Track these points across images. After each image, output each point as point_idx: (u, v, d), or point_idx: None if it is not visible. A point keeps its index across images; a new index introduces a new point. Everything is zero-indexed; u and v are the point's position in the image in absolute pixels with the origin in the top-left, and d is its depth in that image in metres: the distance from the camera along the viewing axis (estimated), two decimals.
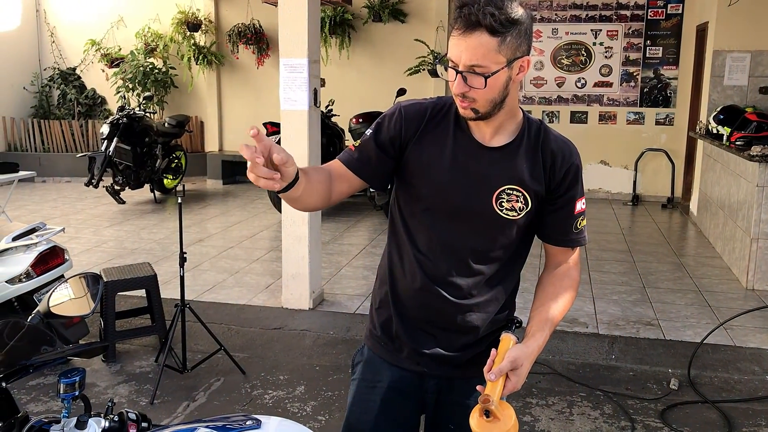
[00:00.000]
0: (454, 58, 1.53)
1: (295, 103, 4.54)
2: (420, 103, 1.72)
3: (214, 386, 3.87)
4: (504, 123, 1.66)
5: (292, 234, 4.69)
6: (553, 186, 1.68)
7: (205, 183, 10.13)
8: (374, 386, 1.83)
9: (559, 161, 1.67)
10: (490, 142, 1.67)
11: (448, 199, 1.66)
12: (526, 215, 1.68)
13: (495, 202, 1.65)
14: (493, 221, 1.67)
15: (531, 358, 1.57)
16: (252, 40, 9.65)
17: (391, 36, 9.54)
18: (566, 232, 1.73)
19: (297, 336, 4.50)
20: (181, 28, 9.78)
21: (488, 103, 1.57)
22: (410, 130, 1.68)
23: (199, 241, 6.67)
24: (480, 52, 1.50)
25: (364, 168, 1.70)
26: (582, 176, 1.72)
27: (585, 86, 9.19)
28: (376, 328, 1.85)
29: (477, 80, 1.52)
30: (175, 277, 5.39)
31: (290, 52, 4.49)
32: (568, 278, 1.75)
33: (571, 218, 1.71)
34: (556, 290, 1.72)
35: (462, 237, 1.69)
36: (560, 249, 1.77)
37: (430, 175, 1.67)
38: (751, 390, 3.86)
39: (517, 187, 1.65)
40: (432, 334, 1.77)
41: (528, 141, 1.68)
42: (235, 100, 10.31)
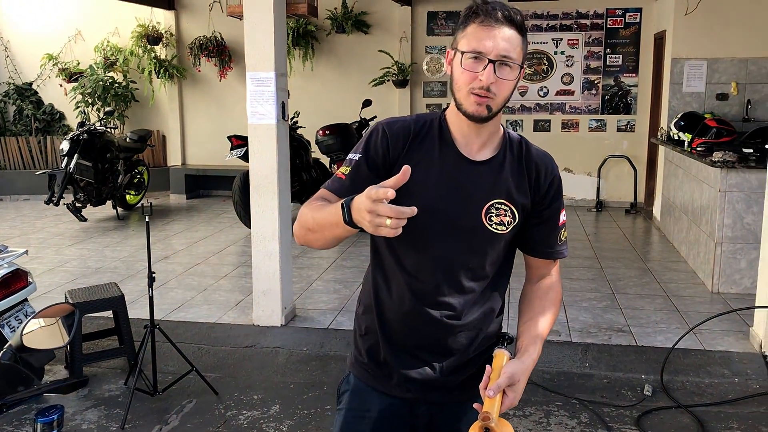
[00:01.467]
0: (484, 49, 1.53)
1: (263, 116, 4.49)
2: (402, 120, 1.70)
3: (186, 408, 3.78)
4: (492, 135, 1.67)
5: (262, 250, 4.62)
6: (538, 199, 1.69)
7: (168, 198, 9.98)
8: (363, 416, 1.78)
9: (543, 174, 1.69)
10: (477, 156, 1.66)
11: (437, 215, 1.63)
12: (513, 229, 1.67)
13: (484, 217, 1.64)
14: (483, 236, 1.65)
15: (527, 373, 1.57)
16: (214, 53, 9.55)
17: (355, 47, 9.54)
18: (551, 244, 1.74)
19: (270, 353, 4.44)
20: (141, 41, 9.64)
21: (502, 101, 1.58)
22: (397, 148, 1.65)
23: (164, 258, 6.55)
24: (511, 44, 1.53)
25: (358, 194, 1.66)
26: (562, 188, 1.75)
27: (547, 95, 9.29)
28: (363, 355, 1.79)
29: (507, 72, 1.54)
30: (141, 297, 5.27)
31: (257, 65, 4.44)
32: (553, 291, 1.77)
33: (556, 230, 1.73)
34: (543, 304, 1.73)
35: (452, 254, 1.66)
36: (543, 261, 1.77)
37: (419, 191, 1.62)
38: (722, 393, 3.91)
39: (505, 201, 1.65)
40: (422, 358, 1.73)
41: (511, 155, 1.68)
42: (197, 113, 10.19)
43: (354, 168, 1.66)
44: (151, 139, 9.55)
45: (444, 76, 9.48)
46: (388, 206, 1.30)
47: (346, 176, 1.65)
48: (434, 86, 9.54)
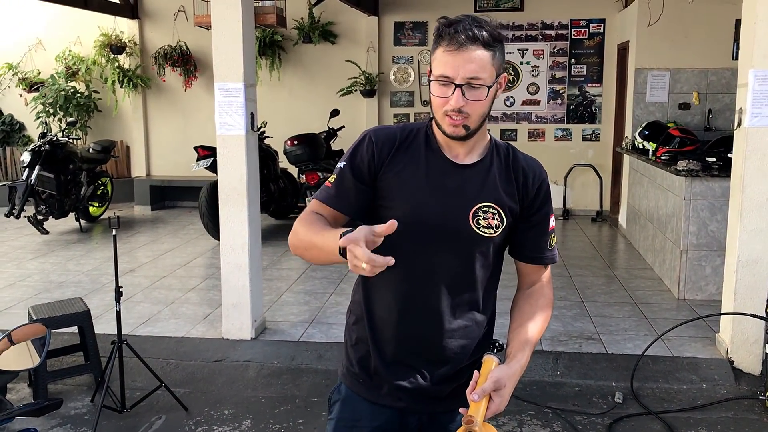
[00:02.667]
0: (449, 73, 1.55)
1: (231, 127, 4.44)
2: (388, 128, 1.74)
3: (155, 425, 3.70)
4: (477, 143, 1.69)
5: (231, 262, 4.56)
6: (526, 203, 1.70)
7: (132, 209, 9.82)
8: (353, 426, 1.79)
9: (531, 178, 1.71)
10: (463, 161, 1.68)
11: (425, 219, 1.65)
12: (502, 233, 1.68)
13: (472, 220, 1.65)
14: (471, 240, 1.66)
15: (514, 378, 1.57)
16: (179, 63, 9.45)
17: (322, 57, 9.52)
18: (540, 249, 1.75)
19: (240, 367, 4.37)
20: (104, 50, 9.49)
21: (479, 119, 1.60)
22: (382, 154, 1.68)
23: (130, 271, 6.43)
24: (478, 65, 1.54)
25: (343, 202, 1.70)
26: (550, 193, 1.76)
27: (513, 104, 9.38)
28: (353, 365, 1.80)
29: (476, 93, 1.56)
30: (107, 311, 5.16)
31: (225, 76, 4.39)
32: (543, 297, 1.76)
33: (545, 235, 1.74)
34: (533, 310, 1.72)
35: (441, 259, 1.67)
36: (534, 267, 1.78)
37: (406, 196, 1.66)
38: (691, 399, 3.97)
39: (492, 204, 1.66)
40: (413, 367, 1.73)
41: (498, 159, 1.71)
42: (162, 124, 10.05)
43: (339, 177, 1.70)
44: (115, 149, 9.39)
45: (411, 86, 9.51)
46: (362, 252, 1.35)
47: (332, 185, 1.71)
48: (401, 96, 9.56)
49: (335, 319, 5.06)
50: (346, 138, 8.84)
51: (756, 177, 4.05)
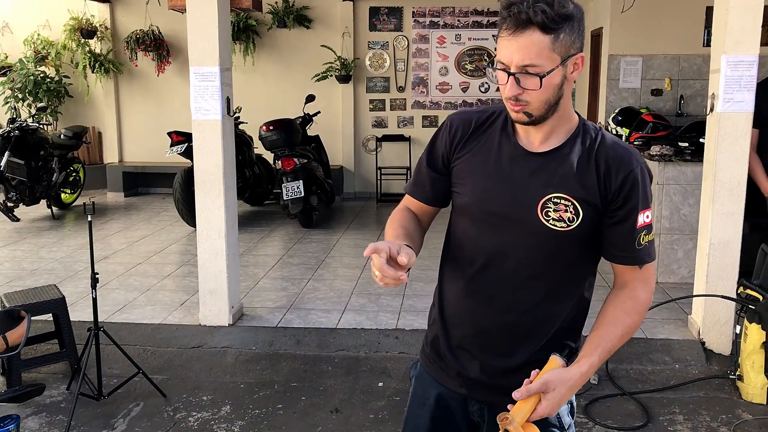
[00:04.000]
0: (505, 60, 1.47)
1: (207, 112, 4.40)
2: (467, 112, 1.70)
3: (134, 412, 3.69)
4: (555, 128, 1.57)
5: (208, 248, 4.54)
6: (609, 196, 1.55)
7: (105, 196, 9.69)
8: (424, 403, 1.80)
9: (615, 169, 1.54)
10: (539, 148, 1.58)
11: (490, 207, 1.59)
12: (579, 228, 1.55)
13: (540, 212, 1.55)
14: (540, 233, 1.56)
15: (568, 384, 1.47)
16: (151, 47, 9.31)
17: (297, 42, 9.45)
18: (628, 248, 1.58)
19: (218, 354, 4.36)
20: (74, 34, 9.30)
21: (542, 105, 1.50)
22: (456, 139, 1.66)
23: (104, 258, 6.36)
24: (533, 51, 1.43)
25: (420, 192, 1.74)
26: (648, 187, 1.58)
27: (488, 90, 9.41)
28: (427, 345, 1.82)
29: (531, 81, 1.46)
30: (81, 298, 5.11)
31: (201, 60, 4.35)
32: (632, 300, 1.61)
33: (633, 233, 1.56)
34: (616, 313, 1.59)
35: (507, 250, 1.60)
36: (625, 267, 1.62)
37: (473, 182, 1.62)
38: (664, 379, 4.05)
39: (565, 195, 1.54)
40: (475, 356, 1.69)
41: (582, 146, 1.57)
42: (135, 109, 9.92)
43: (417, 167, 1.74)
44: (87, 135, 9.24)
45: (387, 72, 9.49)
46: (377, 261, 1.41)
47: (414, 174, 1.76)
48: (377, 81, 9.54)
49: (313, 305, 5.06)
50: (321, 124, 8.81)
51: (728, 161, 4.11)
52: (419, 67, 9.46)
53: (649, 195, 1.58)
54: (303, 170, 7.39)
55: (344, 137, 9.57)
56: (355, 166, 9.66)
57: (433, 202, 1.74)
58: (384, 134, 9.54)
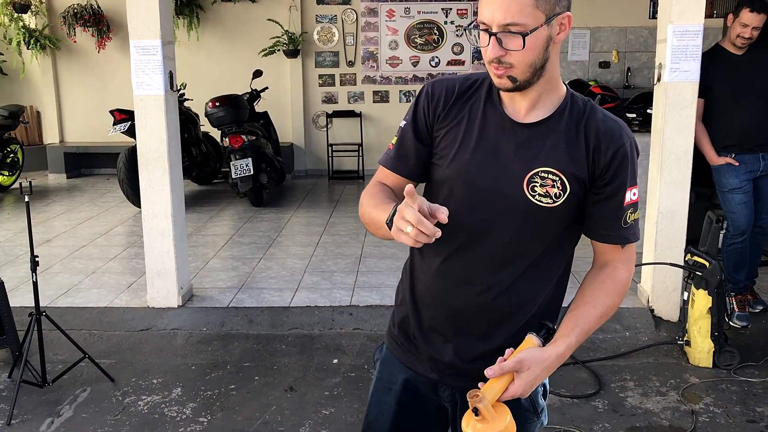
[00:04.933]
0: (486, 20, 1.38)
1: (149, 87, 4.24)
2: (450, 79, 1.57)
3: (80, 398, 3.57)
4: (542, 96, 1.47)
5: (154, 228, 4.40)
6: (598, 172, 1.47)
7: (46, 178, 9.36)
8: (390, 388, 1.71)
9: (605, 142, 1.46)
10: (525, 119, 1.49)
11: (473, 181, 1.49)
12: (566, 204, 1.47)
13: (527, 187, 1.46)
14: (525, 209, 1.47)
15: (544, 364, 1.41)
16: (90, 22, 8.96)
17: (243, 16, 9.23)
18: (613, 226, 1.50)
19: (167, 336, 4.25)
20: (6, 9, 8.90)
21: (527, 68, 1.40)
22: (438, 109, 1.54)
23: (46, 241, 6.14)
24: (515, 8, 1.34)
25: (404, 165, 1.59)
26: (635, 163, 1.50)
27: (439, 65, 9.36)
28: (394, 327, 1.71)
29: (514, 41, 1.36)
30: (22, 283, 4.92)
31: (141, 33, 4.18)
32: (612, 280, 1.53)
33: (620, 210, 1.49)
34: (594, 293, 1.51)
35: (489, 226, 1.50)
36: (608, 246, 1.54)
37: (455, 154, 1.51)
38: (614, 347, 4.11)
39: (552, 169, 1.45)
40: (449, 339, 1.60)
41: (570, 118, 1.48)
42: (75, 87, 9.57)
43: (400, 137, 1.59)
44: (24, 115, 8.89)
45: (335, 46, 9.35)
46: (413, 214, 1.26)
47: (393, 146, 1.60)
48: (326, 56, 9.40)
49: (265, 284, 4.98)
50: (270, 100, 8.65)
51: (675, 130, 4.16)
52: (369, 41, 9.35)
53: (636, 171, 1.52)
54: (251, 147, 7.25)
55: (294, 113, 9.42)
56: (306, 143, 9.53)
57: (417, 176, 1.60)
58: (334, 110, 9.42)
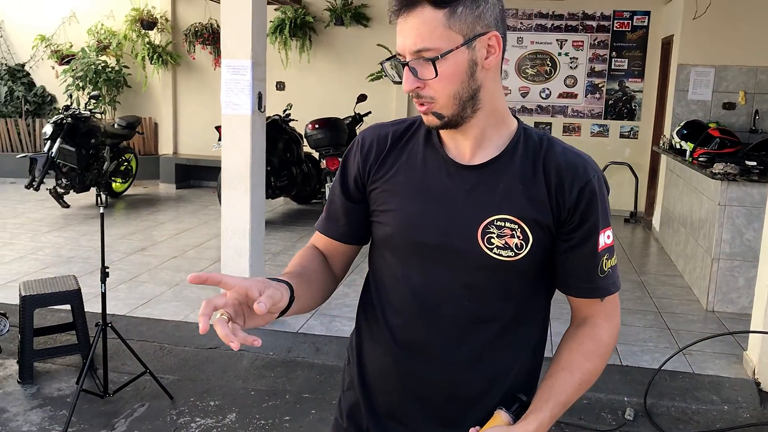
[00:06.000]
0: (400, 49, 1.22)
1: (237, 107, 4.26)
2: (382, 125, 1.41)
3: (137, 413, 3.56)
4: (487, 132, 1.29)
5: (231, 246, 4.39)
6: (564, 215, 1.26)
7: (157, 187, 9.76)
8: None
9: (569, 180, 1.25)
10: (471, 160, 1.29)
11: (419, 237, 1.29)
12: (530, 256, 1.26)
13: (481, 239, 1.25)
14: (482, 265, 1.26)
15: None
16: (209, 41, 9.33)
17: (354, 40, 9.29)
18: (589, 277, 1.30)
19: (233, 357, 4.21)
20: (135, 25, 9.41)
21: (451, 101, 1.22)
22: (369, 160, 1.36)
23: (141, 249, 6.33)
24: (424, 30, 1.17)
25: (334, 227, 1.42)
26: (606, 201, 1.29)
27: (549, 97, 9.03)
28: (342, 417, 1.46)
29: (428, 69, 1.19)
30: (109, 290, 5.04)
31: (232, 53, 4.22)
32: (591, 340, 1.31)
33: (594, 257, 1.28)
34: (571, 357, 1.30)
35: (443, 289, 1.30)
36: (585, 301, 1.34)
37: (396, 208, 1.32)
38: (709, 421, 3.67)
39: (509, 216, 1.25)
40: (412, 428, 1.37)
41: (524, 155, 1.28)
42: (191, 102, 9.96)
43: (330, 197, 1.43)
44: (141, 126, 9.33)
45: None
46: (208, 308, 1.08)
47: (326, 208, 1.45)
48: None
49: (338, 312, 4.86)
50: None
51: None
52: None
53: (608, 210, 1.30)
54: None
55: None
56: None
57: (350, 238, 1.42)
58: None
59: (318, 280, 1.36)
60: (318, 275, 1.37)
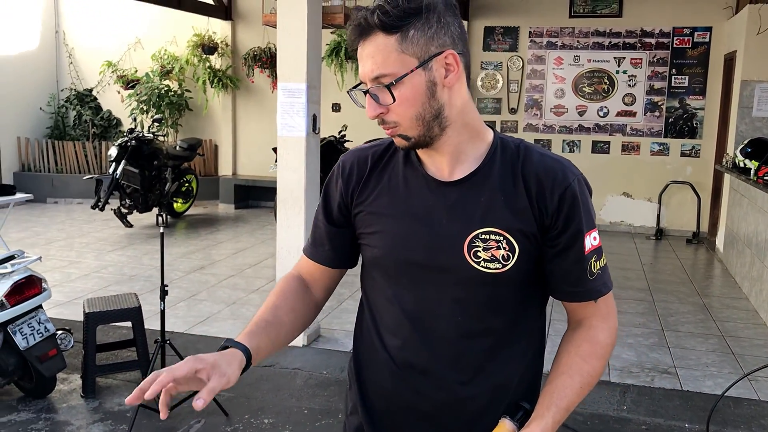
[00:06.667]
0: (361, 77, 1.25)
1: (292, 129, 4.34)
2: (360, 149, 1.43)
3: (193, 429, 3.62)
4: (462, 147, 1.30)
5: (287, 265, 4.46)
6: (547, 221, 1.27)
7: (217, 207, 9.99)
8: None
9: (549, 186, 1.26)
10: (451, 176, 1.31)
11: (405, 256, 1.32)
12: (517, 266, 1.27)
13: (468, 253, 1.27)
14: (471, 280, 1.28)
15: None
16: (267, 64, 9.54)
17: None
18: (579, 281, 1.30)
19: (288, 375, 4.25)
20: (197, 50, 9.71)
21: (414, 123, 1.24)
22: (351, 183, 1.39)
23: (200, 268, 6.48)
24: (379, 57, 1.20)
25: (320, 252, 1.44)
26: (588, 203, 1.30)
27: (607, 115, 8.90)
28: None
29: (387, 94, 1.22)
30: (168, 308, 5.17)
31: (288, 77, 4.30)
32: (589, 343, 1.31)
33: (582, 261, 1.29)
34: (570, 361, 1.30)
35: (434, 306, 1.32)
36: (578, 304, 1.34)
37: (382, 228, 1.34)
38: None
39: (493, 228, 1.26)
40: None
41: (502, 166, 1.29)
42: (250, 124, 10.18)
43: (314, 223, 1.46)
44: (201, 148, 9.58)
45: (499, 93, 9.21)
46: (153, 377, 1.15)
47: (311, 233, 1.47)
48: (488, 103, 9.27)
49: None
50: None
51: None
52: (533, 88, 9.11)
53: (592, 212, 1.31)
54: None
55: None
56: None
57: (335, 262, 1.44)
58: None
59: (292, 320, 1.39)
60: (292, 314, 1.40)
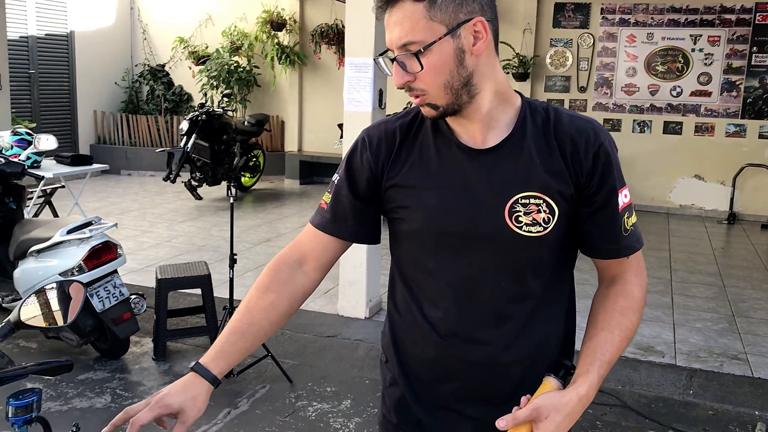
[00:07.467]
0: (388, 44, 1.24)
1: (359, 104, 4.37)
2: (385, 122, 1.40)
3: (258, 394, 3.74)
4: (494, 114, 1.29)
5: None
6: (583, 180, 1.28)
7: (282, 182, 10.16)
8: None
9: (583, 146, 1.27)
10: (484, 143, 1.30)
11: (446, 227, 1.30)
12: (558, 227, 1.28)
13: (509, 218, 1.26)
14: (512, 244, 1.28)
15: (565, 410, 1.19)
16: (334, 41, 9.59)
17: None
18: (614, 237, 1.31)
19: (350, 346, 4.33)
20: (265, 27, 9.83)
21: (443, 90, 1.23)
22: (381, 157, 1.35)
23: (266, 240, 6.62)
24: (407, 24, 1.19)
25: (342, 227, 1.39)
26: (618, 161, 1.31)
27: (681, 95, 8.61)
28: (391, 413, 1.46)
29: (414, 63, 1.21)
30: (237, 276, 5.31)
31: (356, 50, 4.33)
32: (624, 297, 1.32)
33: (617, 218, 1.30)
34: (607, 317, 1.30)
35: (474, 273, 1.31)
36: (612, 261, 1.35)
37: (418, 201, 1.32)
38: None
39: (534, 192, 1.26)
40: (466, 414, 1.38)
41: (534, 129, 1.29)
42: (316, 100, 10.28)
43: (334, 194, 1.40)
44: (269, 123, 9.73)
45: (568, 71, 9.02)
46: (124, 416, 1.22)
47: (328, 205, 1.40)
48: (557, 80, 9.10)
49: None
50: None
51: None
52: (604, 66, 8.88)
53: (621, 170, 1.32)
54: None
55: None
56: None
57: (360, 238, 1.41)
58: None
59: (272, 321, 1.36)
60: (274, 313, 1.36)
